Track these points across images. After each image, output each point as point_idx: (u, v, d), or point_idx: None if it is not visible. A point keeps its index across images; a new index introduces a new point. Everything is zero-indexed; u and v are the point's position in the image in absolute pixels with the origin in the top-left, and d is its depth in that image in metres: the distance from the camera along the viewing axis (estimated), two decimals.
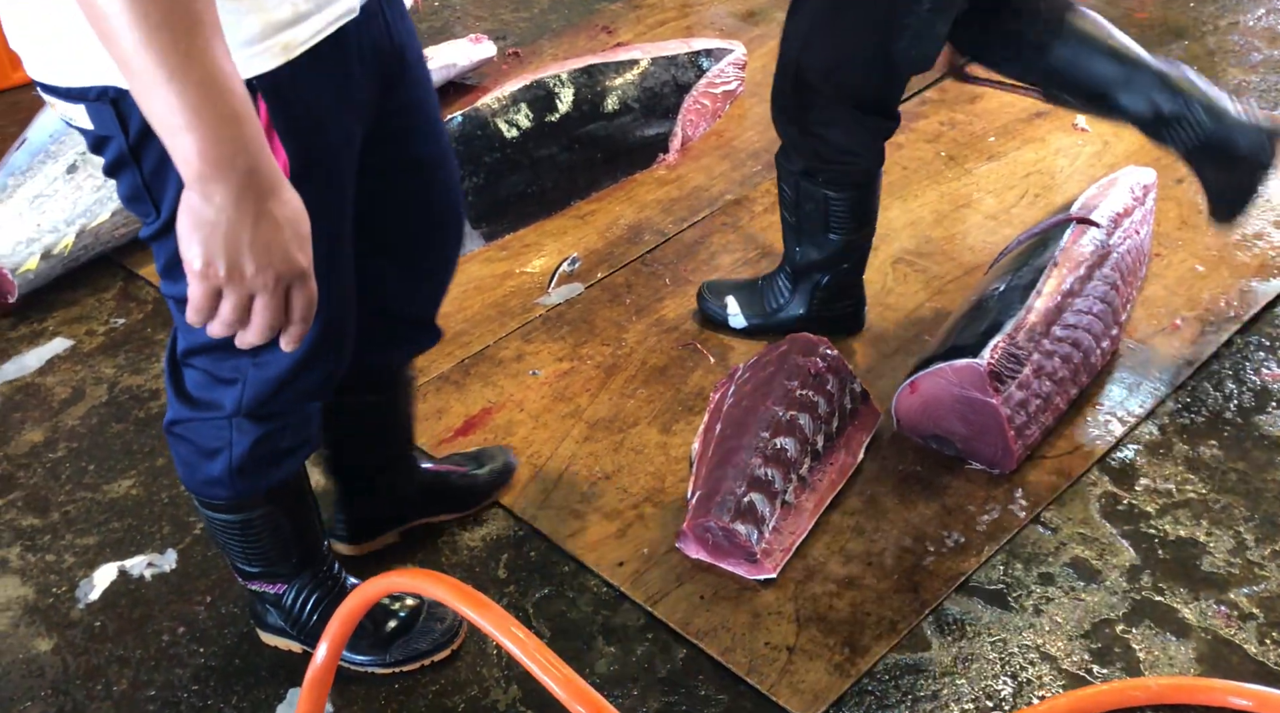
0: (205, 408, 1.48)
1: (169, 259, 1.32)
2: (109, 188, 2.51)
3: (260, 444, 1.51)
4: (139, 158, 1.22)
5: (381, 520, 1.96)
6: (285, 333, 1.10)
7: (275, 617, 1.76)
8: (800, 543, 1.91)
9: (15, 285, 2.44)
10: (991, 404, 1.94)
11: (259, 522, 1.62)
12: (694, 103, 2.96)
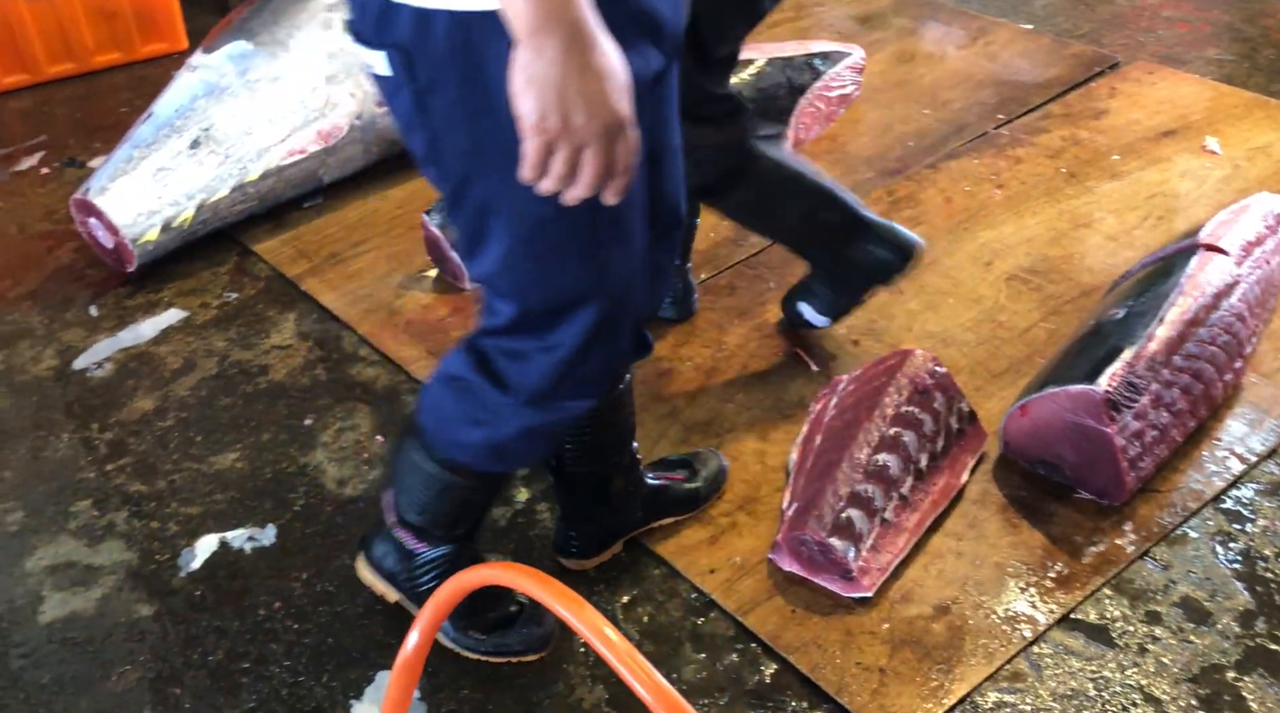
0: (493, 381, 1.49)
1: (470, 234, 1.37)
2: (229, 164, 2.56)
3: (528, 434, 1.53)
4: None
5: (611, 533, 1.93)
6: (609, 186, 1.15)
7: (394, 563, 1.77)
8: (898, 563, 1.87)
9: (135, 255, 2.50)
10: (1106, 433, 1.88)
11: (461, 489, 1.64)
12: (808, 105, 2.92)
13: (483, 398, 1.52)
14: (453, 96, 1.23)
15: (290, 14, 2.73)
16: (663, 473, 1.99)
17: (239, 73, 2.63)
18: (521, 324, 1.44)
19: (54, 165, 2.99)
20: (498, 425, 1.53)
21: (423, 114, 1.26)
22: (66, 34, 3.30)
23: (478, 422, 1.54)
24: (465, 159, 1.29)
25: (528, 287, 1.40)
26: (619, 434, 1.82)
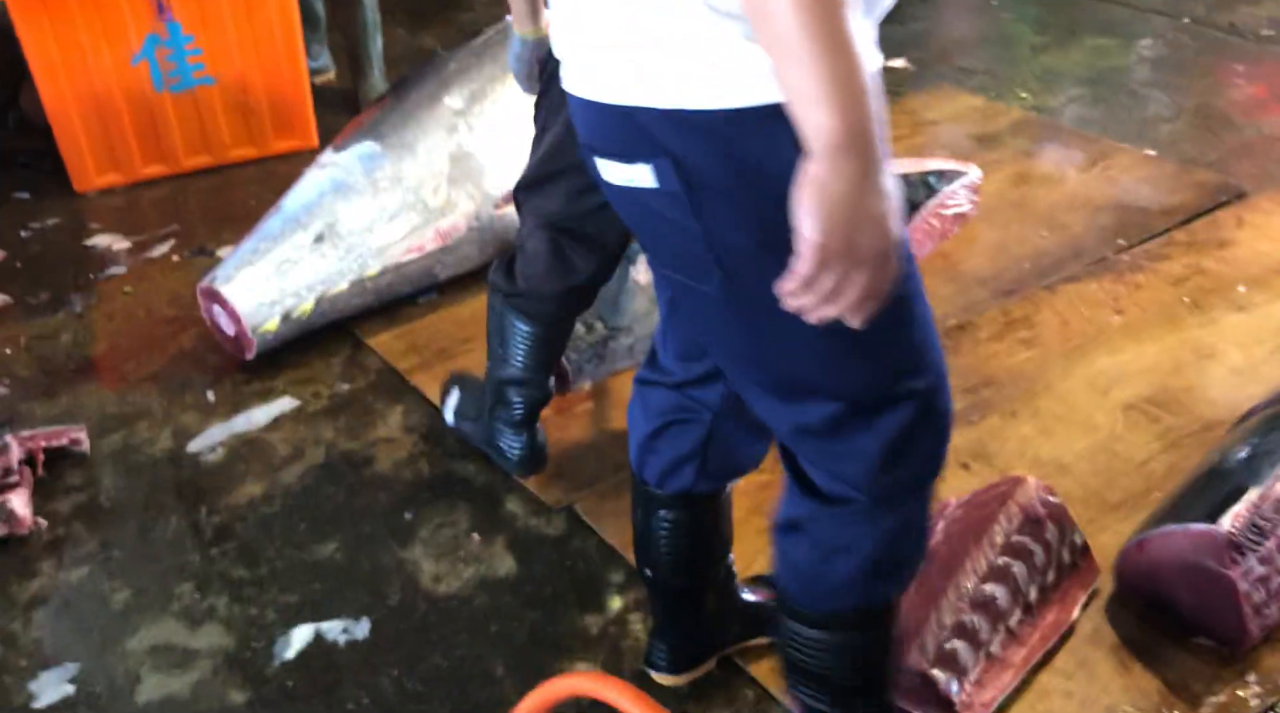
0: (829, 499, 1.37)
1: (762, 336, 1.28)
2: (349, 258, 2.63)
3: (894, 539, 1.39)
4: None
5: (704, 649, 1.86)
6: (862, 310, 1.10)
7: None
8: (1003, 700, 1.79)
9: (254, 343, 2.57)
10: (1228, 577, 1.79)
11: (855, 643, 1.48)
12: (922, 222, 2.91)
13: (829, 524, 1.39)
14: (733, 197, 1.17)
15: (419, 118, 2.82)
16: (760, 589, 1.95)
17: (365, 172, 2.72)
18: (843, 419, 1.31)
19: (184, 253, 3.11)
20: (859, 544, 1.38)
21: (700, 219, 1.19)
22: (205, 128, 3.46)
23: (836, 552, 1.39)
24: (753, 257, 1.20)
25: (849, 377, 1.30)
26: (715, 547, 1.79)
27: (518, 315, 2.16)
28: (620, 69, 1.15)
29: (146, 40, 3.26)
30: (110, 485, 2.34)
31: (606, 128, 1.21)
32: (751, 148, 1.13)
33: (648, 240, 1.32)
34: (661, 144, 1.15)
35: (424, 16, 4.64)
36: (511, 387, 2.23)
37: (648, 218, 1.25)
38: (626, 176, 1.21)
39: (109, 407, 2.55)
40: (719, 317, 1.30)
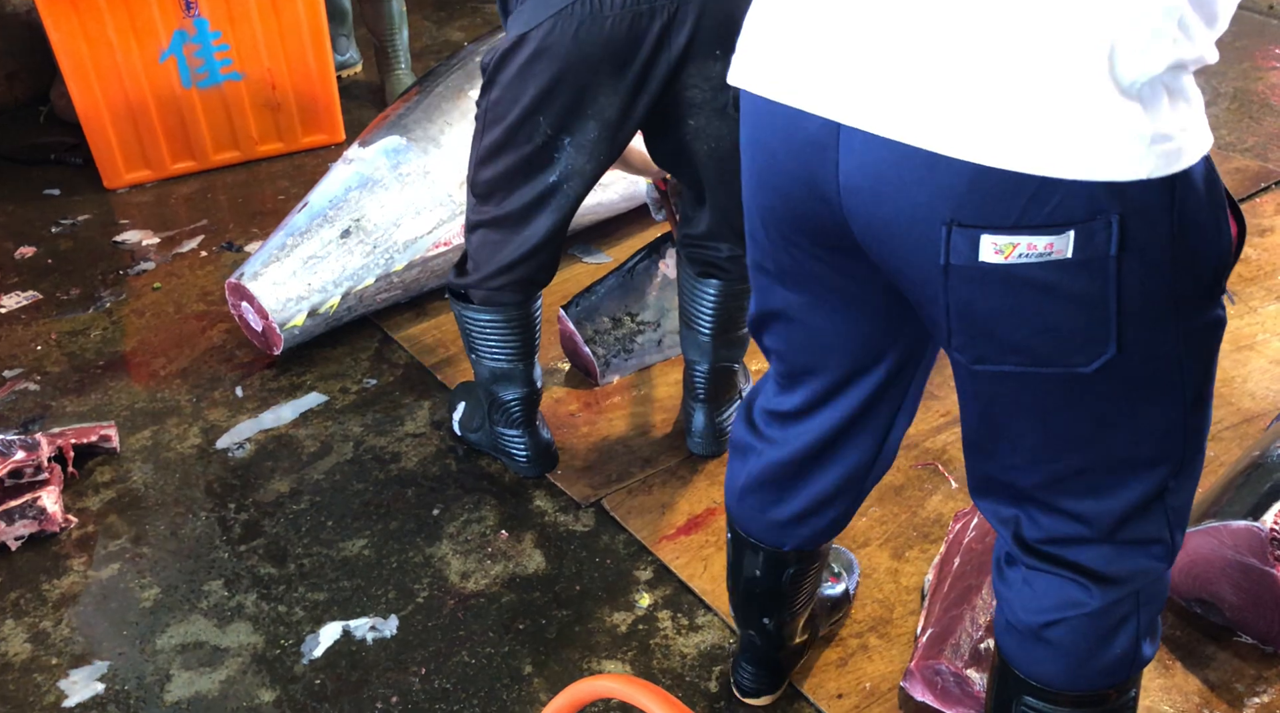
0: (1122, 581, 1.31)
1: (1131, 406, 1.21)
2: (376, 254, 2.62)
3: (1160, 592, 1.35)
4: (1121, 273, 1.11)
5: (789, 664, 1.85)
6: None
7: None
8: None
9: (282, 339, 2.57)
10: (1271, 574, 1.75)
11: (1134, 699, 1.42)
12: None
13: (1116, 604, 1.31)
14: (1158, 257, 1.10)
15: (444, 111, 2.81)
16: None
17: (391, 166, 2.71)
18: (1166, 485, 1.27)
19: (213, 249, 3.11)
20: (1135, 612, 1.32)
21: (1120, 285, 1.10)
22: (233, 124, 3.45)
23: (1117, 627, 1.32)
24: (1163, 320, 1.14)
25: (1178, 437, 1.25)
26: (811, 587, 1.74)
27: (477, 307, 2.14)
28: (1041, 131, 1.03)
29: (174, 37, 3.26)
30: (140, 482, 2.34)
31: (998, 195, 1.06)
32: (1191, 206, 1.09)
33: (1001, 326, 1.16)
34: (1096, 206, 1.05)
35: (450, 9, 4.62)
36: (499, 385, 2.22)
37: (1022, 299, 1.12)
38: (1023, 249, 1.08)
39: (139, 403, 2.56)
40: (1071, 398, 1.20)
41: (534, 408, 2.27)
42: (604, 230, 3.04)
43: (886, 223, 1.14)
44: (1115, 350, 1.14)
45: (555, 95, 1.89)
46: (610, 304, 2.50)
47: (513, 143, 1.95)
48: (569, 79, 1.87)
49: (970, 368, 1.23)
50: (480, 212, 2.06)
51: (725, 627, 1.96)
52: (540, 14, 1.84)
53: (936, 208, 1.09)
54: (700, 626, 1.97)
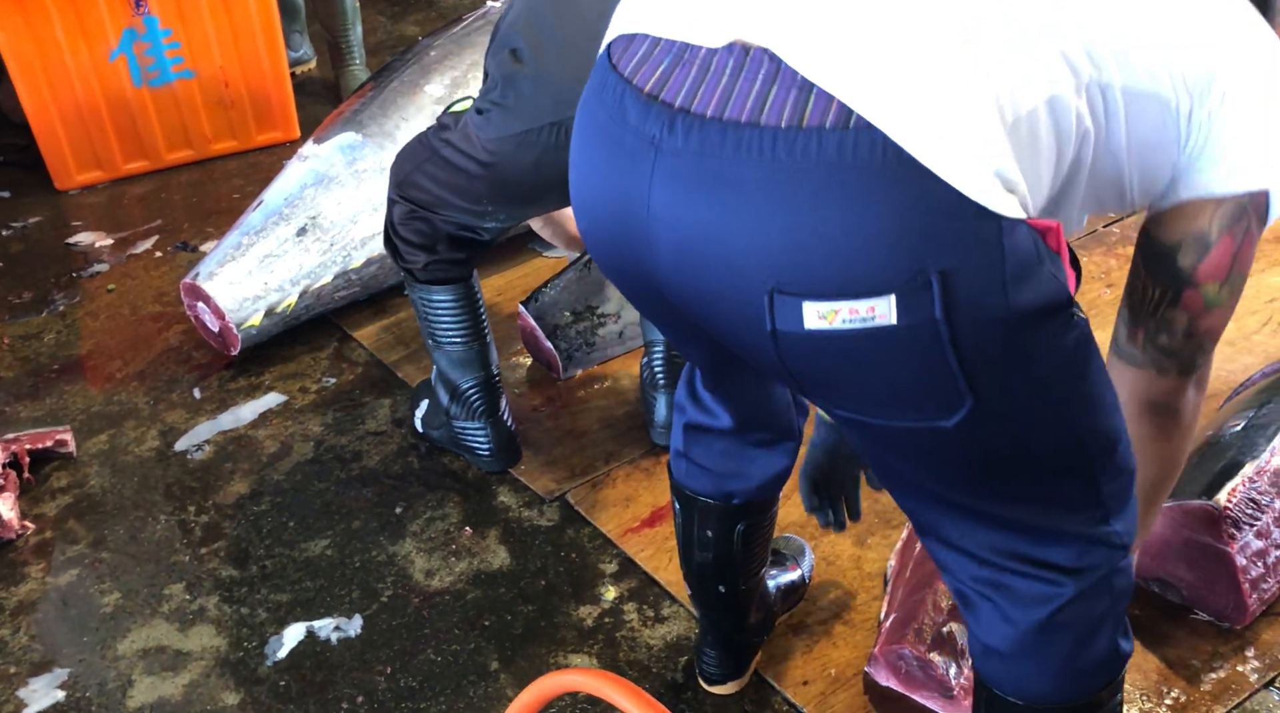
0: (1085, 572, 1.28)
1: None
2: (334, 251, 2.61)
3: (1129, 581, 1.33)
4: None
5: (750, 648, 1.85)
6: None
7: None
8: None
9: (239, 339, 2.55)
10: (1225, 552, 1.78)
11: (1121, 700, 1.41)
12: None
13: (1088, 601, 1.28)
14: (991, 311, 1.06)
15: (399, 106, 2.79)
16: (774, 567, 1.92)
17: (347, 163, 2.69)
18: (1098, 480, 1.24)
19: (167, 249, 3.08)
20: (1110, 607, 1.31)
21: (958, 347, 1.06)
22: (186, 123, 3.41)
23: (1096, 627, 1.30)
24: (1011, 364, 1.10)
25: (1097, 439, 1.23)
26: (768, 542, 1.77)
27: (424, 287, 2.15)
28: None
29: (124, 35, 3.22)
30: (97, 487, 2.31)
31: (818, 260, 1.03)
32: (1022, 258, 1.03)
33: (846, 384, 1.12)
34: (916, 264, 1.01)
35: (404, 4, 4.59)
36: (456, 372, 2.22)
37: (859, 361, 1.08)
38: (845, 315, 1.04)
39: (95, 406, 2.53)
40: (949, 449, 1.16)
41: (495, 397, 2.26)
42: None
43: (706, 293, 1.11)
44: (973, 402, 1.08)
45: (504, 195, 2.00)
46: (569, 298, 2.50)
47: (453, 190, 2.02)
48: (520, 188, 1.98)
49: (834, 414, 1.20)
50: (403, 196, 2.08)
51: (690, 617, 1.96)
52: (505, 130, 1.91)
53: (757, 276, 1.05)
54: (666, 617, 1.97)
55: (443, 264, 2.12)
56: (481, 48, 2.93)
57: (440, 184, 2.03)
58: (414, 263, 2.13)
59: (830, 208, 1.01)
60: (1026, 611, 1.28)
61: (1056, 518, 1.24)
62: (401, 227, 2.11)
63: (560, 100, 1.84)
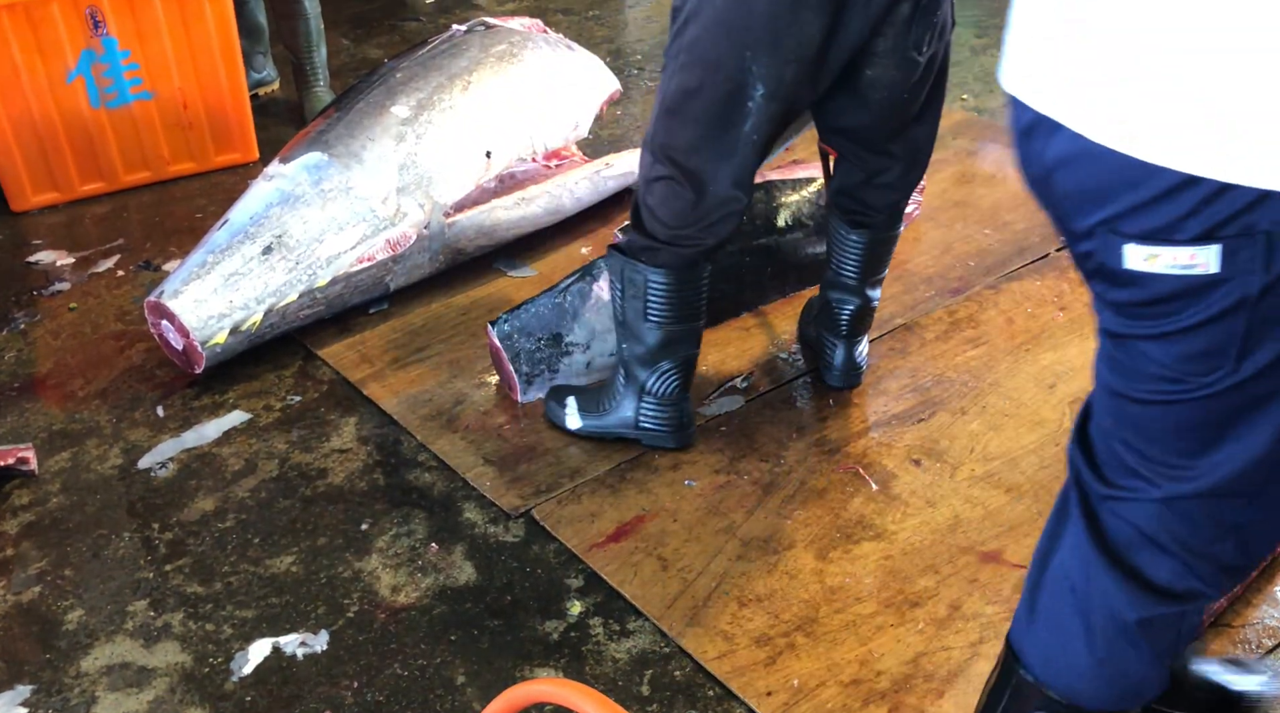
0: (1181, 599, 1.30)
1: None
2: (299, 270, 2.62)
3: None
4: (1260, 305, 1.10)
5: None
6: None
7: None
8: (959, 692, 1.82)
9: (203, 357, 2.55)
10: None
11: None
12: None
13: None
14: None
15: (365, 127, 2.81)
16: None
17: (313, 182, 2.71)
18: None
19: (129, 268, 3.07)
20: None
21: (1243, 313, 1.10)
22: (144, 144, 3.41)
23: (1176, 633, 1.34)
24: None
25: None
26: None
27: (659, 269, 2.18)
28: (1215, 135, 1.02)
29: (82, 57, 3.22)
30: (59, 504, 2.30)
31: (1177, 202, 1.06)
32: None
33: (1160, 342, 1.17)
34: (1252, 222, 1.04)
35: (368, 26, 4.62)
36: (666, 351, 2.26)
37: (1166, 312, 1.14)
38: (1174, 261, 1.09)
39: (56, 425, 2.51)
40: (1182, 419, 1.21)
41: (692, 376, 2.34)
42: (528, 244, 3.06)
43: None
44: (1229, 371, 1.14)
45: (756, 30, 1.91)
46: (539, 324, 2.52)
47: (705, 81, 1.97)
48: (773, 12, 1.90)
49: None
50: (658, 167, 2.09)
51: (656, 632, 1.99)
52: None
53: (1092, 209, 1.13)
54: (631, 631, 2.00)
55: (675, 257, 2.17)
56: (447, 71, 2.97)
57: (688, 77, 1.97)
58: (639, 250, 2.17)
59: None
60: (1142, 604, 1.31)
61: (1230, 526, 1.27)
62: (660, 207, 2.12)
63: None
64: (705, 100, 1.98)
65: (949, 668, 1.88)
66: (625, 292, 2.23)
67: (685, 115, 2.01)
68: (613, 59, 4.22)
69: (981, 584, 2.03)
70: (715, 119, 2.00)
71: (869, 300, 2.46)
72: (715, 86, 1.97)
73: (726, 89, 1.96)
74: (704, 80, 1.97)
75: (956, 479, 2.27)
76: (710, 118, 2.00)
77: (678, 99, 2.01)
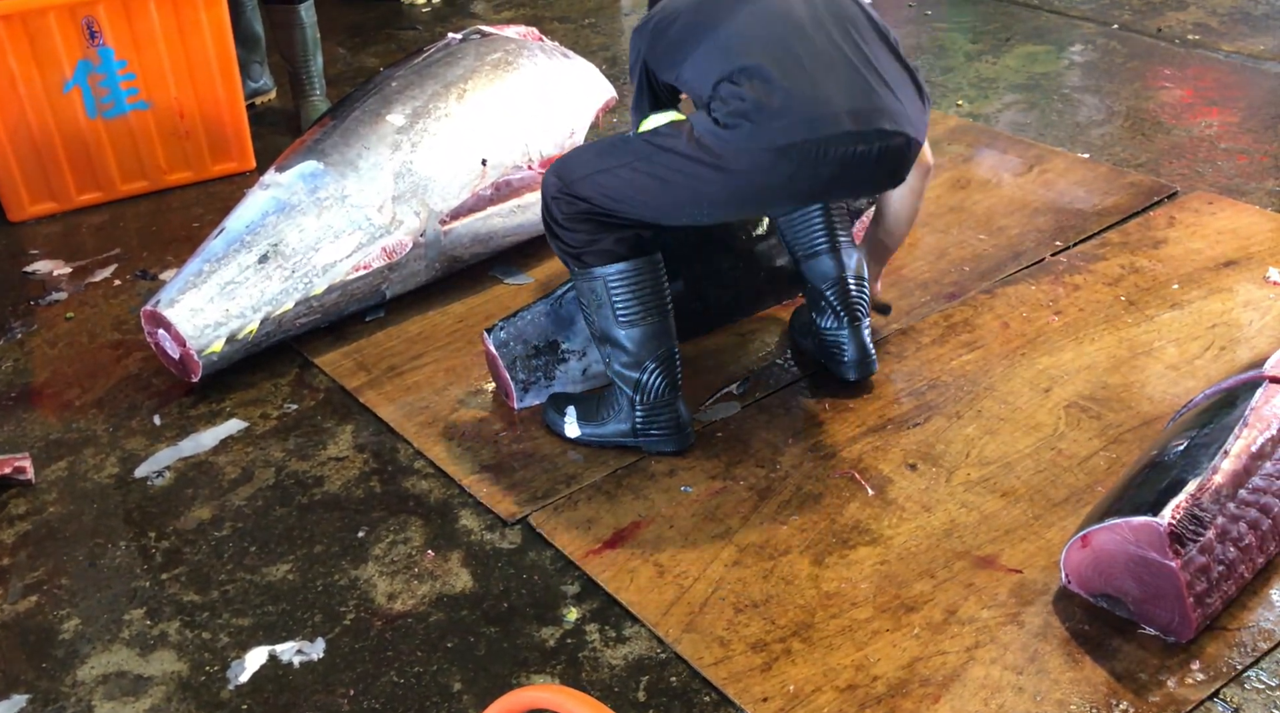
0: None
1: None
2: (295, 278, 2.62)
3: None
4: None
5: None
6: None
7: None
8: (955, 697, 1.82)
9: (200, 366, 2.55)
10: (1170, 567, 1.84)
11: None
12: (863, 228, 2.95)
13: None
14: None
15: (361, 136, 2.82)
16: None
17: (309, 191, 2.71)
18: None
19: (126, 277, 3.08)
20: None
21: None
22: (141, 154, 3.42)
23: None
24: None
25: None
26: None
27: (599, 267, 2.24)
28: None
29: (79, 67, 3.23)
30: (56, 514, 2.30)
31: None
32: None
33: None
34: None
35: (365, 35, 4.63)
36: (644, 351, 2.29)
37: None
38: None
39: (53, 434, 2.52)
40: None
41: (677, 376, 2.35)
42: (524, 251, 3.07)
43: None
44: None
45: (732, 208, 2.19)
46: (535, 331, 2.52)
47: (653, 189, 2.14)
48: (755, 202, 2.19)
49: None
50: (571, 203, 2.21)
51: (653, 638, 1.99)
52: (757, 143, 2.05)
53: None
54: (627, 637, 2.00)
55: (619, 244, 2.24)
56: (442, 79, 2.97)
57: (637, 190, 2.16)
58: (582, 247, 2.23)
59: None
60: None
61: None
62: (568, 223, 2.22)
63: (816, 119, 2.06)
64: (650, 196, 2.17)
65: (945, 673, 1.88)
66: (590, 304, 2.29)
67: (620, 193, 2.18)
68: (609, 67, 4.23)
69: (977, 589, 2.03)
70: (649, 208, 2.18)
71: (845, 268, 2.48)
72: (662, 199, 2.16)
73: (674, 206, 2.17)
74: (657, 190, 2.15)
75: (952, 484, 2.27)
76: (643, 206, 2.18)
77: (623, 182, 2.17)
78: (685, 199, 2.14)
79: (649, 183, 2.14)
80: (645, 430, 2.35)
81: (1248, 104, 3.81)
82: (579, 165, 2.21)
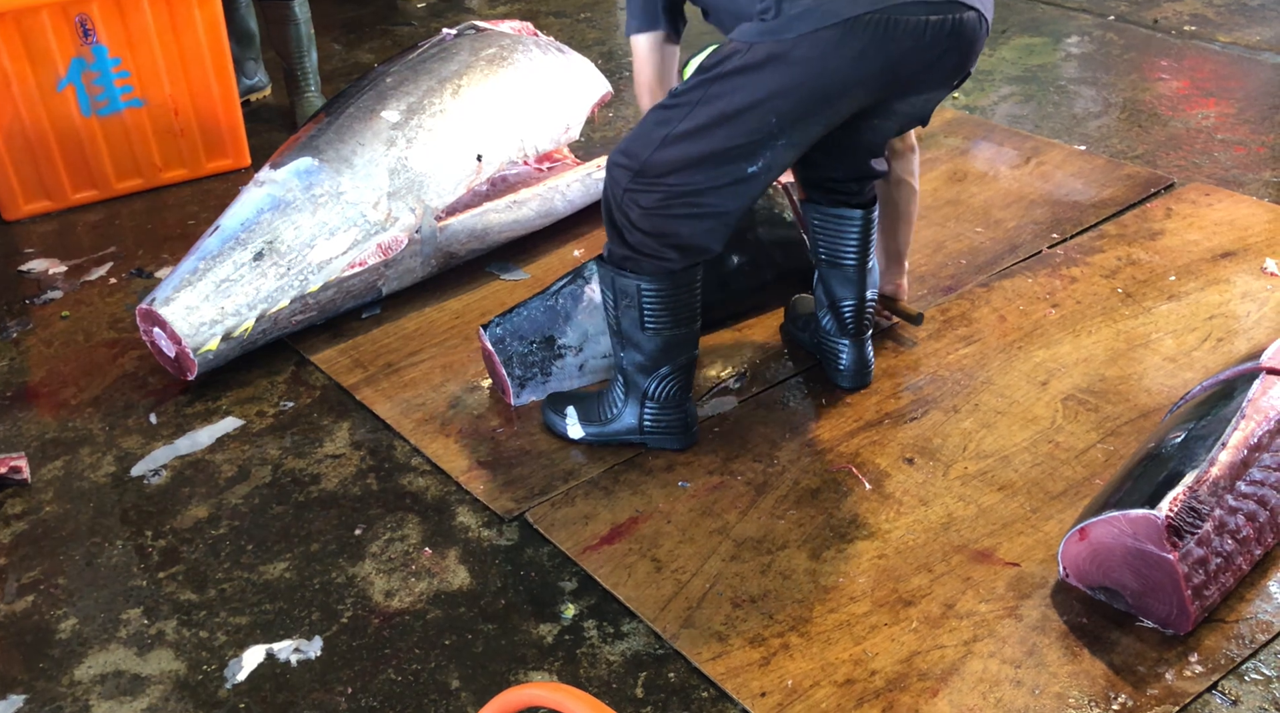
0: None
1: None
2: (291, 276, 2.61)
3: None
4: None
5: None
6: None
7: None
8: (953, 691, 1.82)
9: (195, 364, 2.54)
10: (1168, 560, 1.84)
11: None
12: None
13: None
14: None
15: (356, 132, 2.81)
16: None
17: (304, 188, 2.70)
18: None
19: (122, 276, 3.07)
20: None
21: None
22: (135, 152, 3.41)
23: None
24: None
25: None
26: None
27: (649, 277, 2.17)
28: None
29: (72, 65, 3.22)
30: (53, 513, 2.30)
31: None
32: None
33: None
34: None
35: (360, 31, 4.62)
36: (665, 356, 2.26)
37: None
38: None
39: (50, 433, 2.51)
40: None
41: (692, 375, 2.34)
42: (521, 247, 3.06)
43: None
44: None
45: (800, 112, 2.00)
46: (531, 327, 2.52)
47: (721, 129, 2.00)
48: (823, 98, 1.99)
49: None
50: (649, 188, 2.08)
51: (650, 634, 1.98)
52: (826, 19, 1.91)
53: None
54: (625, 633, 2.00)
55: (682, 259, 2.17)
56: (437, 75, 2.96)
57: (707, 142, 2.01)
58: (641, 254, 2.15)
59: None
60: None
61: None
62: (643, 223, 2.10)
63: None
64: (721, 141, 2.02)
65: (943, 667, 1.88)
66: (618, 301, 2.22)
67: (693, 152, 2.04)
68: (604, 61, 4.23)
69: (975, 583, 2.03)
70: (724, 158, 2.04)
71: (866, 288, 2.43)
72: (734, 136, 2.01)
73: (748, 139, 2.01)
74: (725, 129, 2.01)
75: (949, 478, 2.27)
76: (720, 158, 2.04)
77: (691, 135, 2.03)
78: (754, 125, 1.99)
79: (715, 126, 2.00)
80: (653, 429, 2.34)
81: (1244, 95, 3.80)
82: (643, 143, 2.07)
